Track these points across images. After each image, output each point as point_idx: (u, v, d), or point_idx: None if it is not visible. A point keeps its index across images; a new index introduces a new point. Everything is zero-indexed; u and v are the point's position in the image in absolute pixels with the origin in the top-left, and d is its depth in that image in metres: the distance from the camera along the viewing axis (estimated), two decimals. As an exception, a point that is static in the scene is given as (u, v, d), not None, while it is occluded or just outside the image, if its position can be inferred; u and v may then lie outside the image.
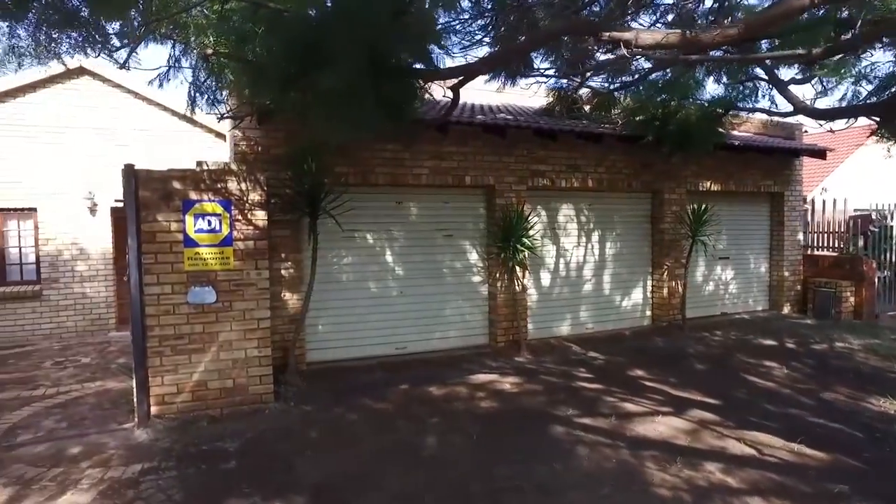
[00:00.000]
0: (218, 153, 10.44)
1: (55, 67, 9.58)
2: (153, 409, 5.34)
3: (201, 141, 10.47)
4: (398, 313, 7.76)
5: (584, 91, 8.96)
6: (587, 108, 9.28)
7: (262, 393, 5.71)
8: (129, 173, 5.15)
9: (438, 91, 6.51)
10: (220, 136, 10.47)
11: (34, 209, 9.55)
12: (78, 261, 9.75)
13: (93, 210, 9.78)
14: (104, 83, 9.92)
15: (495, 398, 6.00)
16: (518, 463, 4.41)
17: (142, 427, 5.22)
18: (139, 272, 5.20)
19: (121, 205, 10.02)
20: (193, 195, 5.40)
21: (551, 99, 9.20)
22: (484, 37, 6.30)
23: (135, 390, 5.30)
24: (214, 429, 5.23)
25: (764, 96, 7.73)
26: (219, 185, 5.49)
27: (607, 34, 3.50)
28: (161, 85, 5.71)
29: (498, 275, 8.08)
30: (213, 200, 5.47)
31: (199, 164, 5.54)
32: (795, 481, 4.05)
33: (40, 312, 9.55)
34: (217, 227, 5.47)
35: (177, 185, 5.35)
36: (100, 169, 9.80)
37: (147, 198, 5.25)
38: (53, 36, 4.57)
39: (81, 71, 9.74)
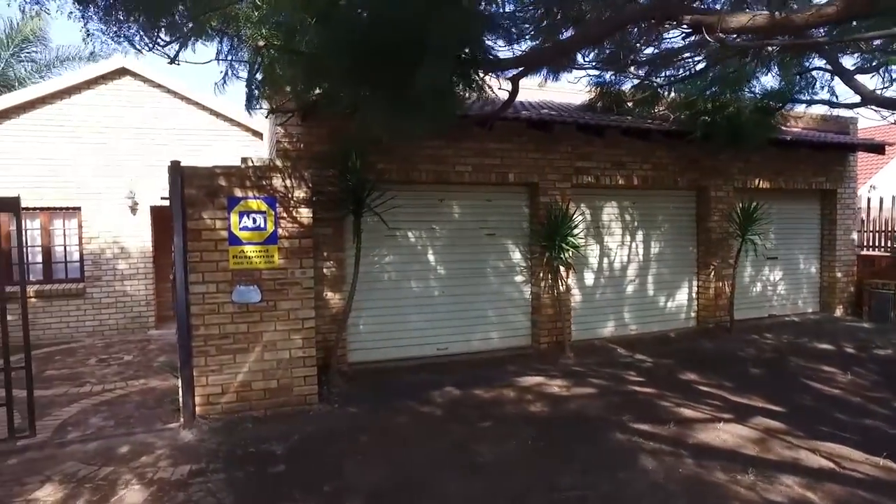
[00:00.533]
0: (255, 152, 10.42)
1: (98, 68, 9.78)
2: (198, 410, 5.27)
3: (238, 140, 10.46)
4: (440, 313, 7.60)
5: (626, 86, 8.69)
6: (630, 104, 8.99)
7: (306, 394, 5.60)
8: (175, 170, 5.08)
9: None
10: (256, 134, 10.46)
11: (78, 208, 9.66)
12: (119, 259, 9.83)
13: (133, 209, 9.85)
14: (144, 83, 9.98)
15: (545, 402, 5.79)
16: (579, 472, 4.19)
17: (187, 427, 5.15)
18: (185, 271, 5.13)
19: (161, 203, 10.13)
20: (238, 192, 5.32)
21: (593, 95, 8.93)
22: (532, 29, 6.09)
23: (180, 390, 5.24)
24: (259, 430, 5.13)
25: (822, 87, 7.37)
26: (264, 182, 5.40)
27: (689, 17, 3.28)
28: (224, 83, 5.57)
29: (541, 275, 7.87)
30: (258, 198, 5.37)
31: (244, 160, 5.46)
32: (890, 501, 3.74)
33: (84, 310, 9.65)
34: (262, 225, 5.38)
35: (222, 181, 5.27)
36: (140, 168, 9.88)
37: (192, 195, 5.18)
38: (121, 21, 4.49)
39: (123, 71, 9.83)
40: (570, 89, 9.49)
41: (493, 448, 4.67)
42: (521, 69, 5.55)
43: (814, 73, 7.46)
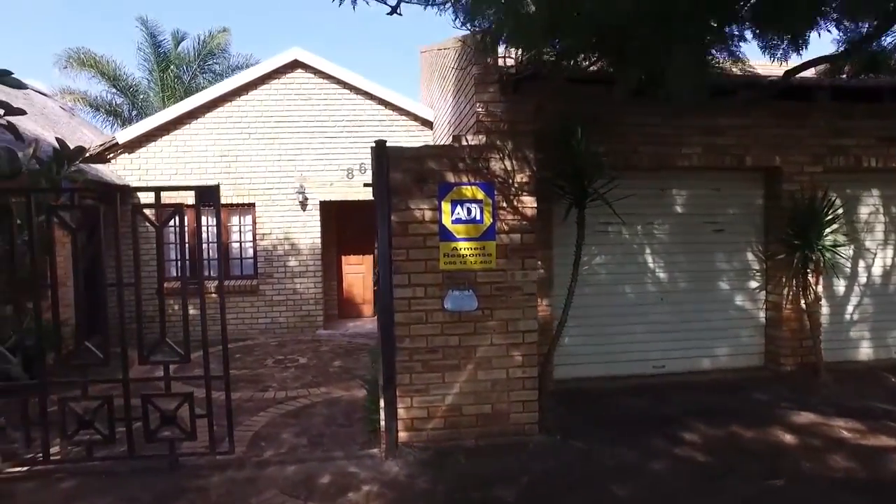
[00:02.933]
0: (424, 142, 9.72)
1: (273, 62, 9.58)
2: (400, 435, 4.46)
3: (406, 130, 9.84)
4: (657, 324, 6.30)
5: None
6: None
7: (524, 423, 4.60)
8: (380, 152, 4.29)
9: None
10: (425, 123, 9.76)
11: (252, 205, 9.53)
12: (290, 256, 9.59)
13: (303, 205, 9.55)
14: (315, 75, 9.66)
15: (847, 454, 4.31)
16: None
17: (391, 457, 4.35)
18: (390, 271, 4.33)
19: (330, 198, 9.79)
20: (451, 177, 4.43)
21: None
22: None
23: (382, 412, 4.45)
24: (475, 466, 4.21)
25: None
26: (480, 165, 4.47)
27: None
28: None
29: (784, 280, 6.29)
30: (474, 183, 4.45)
31: (457, 138, 4.58)
32: None
33: (257, 307, 9.52)
34: (477, 217, 4.45)
35: (432, 164, 4.41)
36: (310, 162, 9.56)
37: (398, 181, 4.36)
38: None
39: (295, 64, 9.57)
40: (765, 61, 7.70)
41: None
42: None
43: None
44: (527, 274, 4.55)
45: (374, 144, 4.33)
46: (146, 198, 7.60)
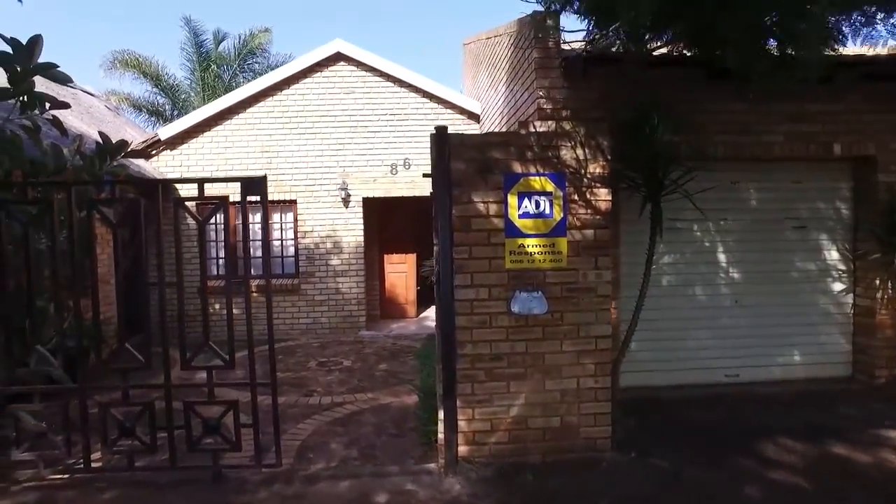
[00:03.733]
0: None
1: (315, 55, 9.31)
2: (460, 449, 4.08)
3: (452, 124, 9.42)
4: (730, 329, 5.78)
5: None
6: None
7: (596, 438, 4.16)
8: (441, 139, 3.92)
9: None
10: (472, 117, 9.37)
11: (294, 201, 9.29)
12: (332, 255, 9.31)
13: (346, 201, 9.27)
14: (358, 67, 9.36)
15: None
16: None
17: (450, 473, 3.97)
18: (451, 270, 3.95)
19: (373, 195, 9.49)
20: (517, 167, 4.02)
21: None
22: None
23: (441, 423, 4.07)
24: (545, 486, 3.79)
25: None
26: (549, 154, 4.05)
27: None
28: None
29: (878, 282, 5.69)
30: (542, 174, 4.03)
31: (523, 125, 4.19)
32: None
33: (298, 307, 9.28)
34: (546, 211, 4.03)
35: (497, 153, 4.01)
36: (352, 158, 9.28)
37: (460, 172, 3.98)
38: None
39: (338, 57, 9.29)
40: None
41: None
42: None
43: None
44: (600, 274, 4.11)
45: (434, 131, 3.96)
46: (186, 192, 7.41)
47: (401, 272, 10.65)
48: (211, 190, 4.00)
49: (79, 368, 3.72)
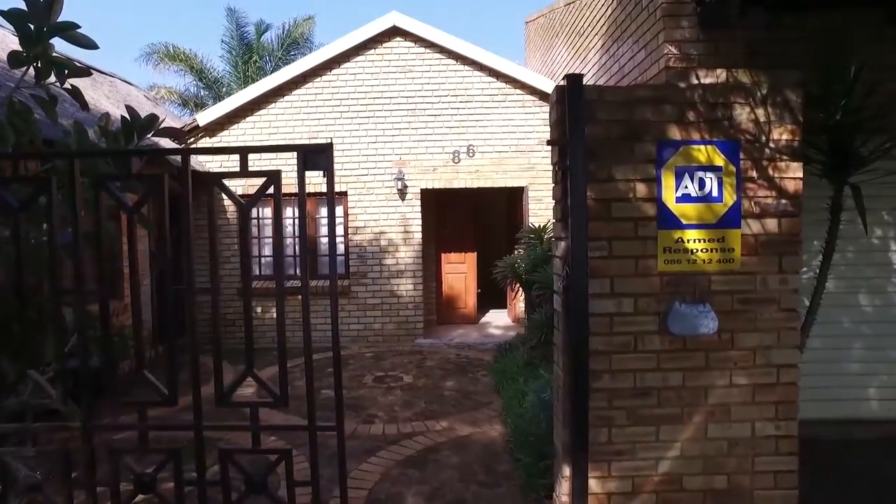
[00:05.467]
0: (542, 120, 8.26)
1: (369, 30, 8.33)
2: (589, 513, 2.99)
3: (521, 105, 8.37)
4: (907, 351, 4.54)
5: None
6: None
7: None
8: (574, 92, 2.83)
9: None
10: (545, 96, 8.25)
11: (344, 193, 8.34)
12: (386, 253, 8.33)
13: (402, 193, 8.27)
14: (416, 44, 8.35)
15: None
16: None
17: (581, 551, 2.89)
18: (585, 273, 2.86)
19: (433, 186, 8.46)
20: (675, 132, 2.92)
21: None
22: None
23: (563, 482, 2.99)
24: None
25: None
26: (719, 115, 2.93)
27: None
28: None
29: None
30: (710, 142, 2.92)
31: (683, 74, 3.07)
32: None
33: (348, 311, 8.33)
34: (714, 192, 2.92)
35: (647, 113, 2.91)
36: (409, 145, 8.29)
37: (598, 137, 2.90)
38: None
39: (394, 32, 8.30)
40: None
41: None
42: None
43: None
44: (785, 279, 2.98)
45: (563, 80, 2.88)
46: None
47: (460, 273, 9.59)
48: (261, 158, 3.02)
49: (82, 400, 2.77)
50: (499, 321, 9.68)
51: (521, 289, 7.29)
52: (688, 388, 2.97)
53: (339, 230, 8.53)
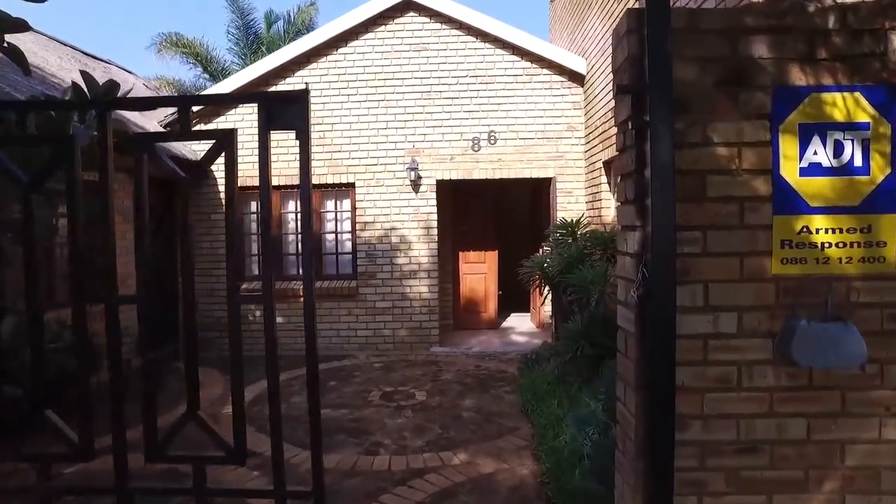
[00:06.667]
0: (573, 106, 7.39)
1: (378, 4, 7.54)
2: None
3: (548, 87, 7.51)
4: None
5: None
6: None
7: None
8: (655, 12, 1.95)
9: None
10: (575, 77, 7.37)
11: (352, 185, 7.54)
12: (398, 251, 7.52)
13: (415, 185, 7.45)
14: (432, 19, 7.53)
15: None
16: None
17: None
18: (672, 274, 1.98)
19: (450, 177, 7.60)
20: (798, 76, 2.04)
21: None
22: None
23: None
24: None
25: None
26: (865, 48, 2.05)
27: None
28: None
29: None
30: (850, 88, 2.03)
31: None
32: None
33: (356, 315, 7.52)
34: (857, 162, 2.04)
35: (759, 47, 2.04)
36: (423, 131, 7.47)
37: (687, 83, 2.02)
38: None
39: (407, 6, 7.47)
40: None
41: None
42: None
43: None
44: (957, 287, 2.08)
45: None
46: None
47: (479, 273, 8.72)
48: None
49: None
50: (522, 327, 8.81)
51: (548, 291, 6.43)
52: (815, 443, 2.09)
53: (347, 226, 7.74)
